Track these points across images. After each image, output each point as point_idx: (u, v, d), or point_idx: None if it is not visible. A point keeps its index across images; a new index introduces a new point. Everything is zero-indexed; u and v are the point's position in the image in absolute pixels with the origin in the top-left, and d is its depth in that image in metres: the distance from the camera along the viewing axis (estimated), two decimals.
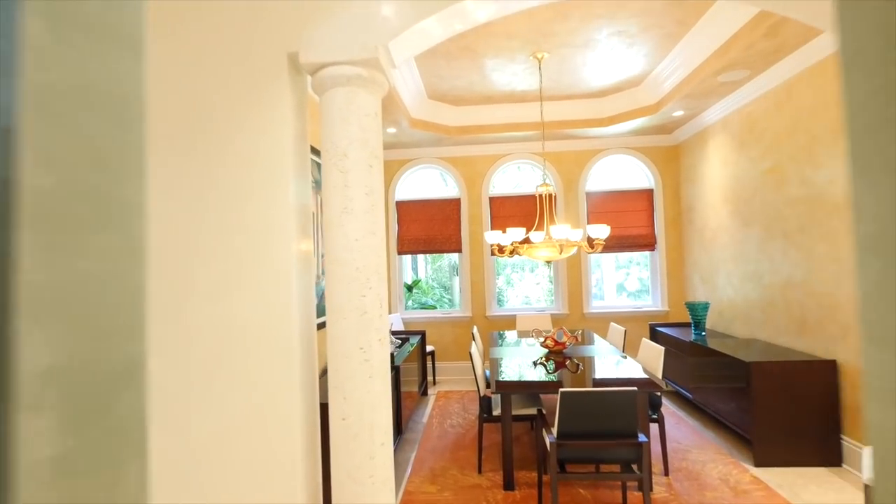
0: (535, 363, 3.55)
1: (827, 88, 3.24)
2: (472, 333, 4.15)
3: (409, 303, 7.65)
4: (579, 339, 3.76)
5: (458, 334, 5.85)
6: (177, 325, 1.68)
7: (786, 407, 3.20)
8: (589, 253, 3.55)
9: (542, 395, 3.53)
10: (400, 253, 5.95)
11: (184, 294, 1.68)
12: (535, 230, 4.31)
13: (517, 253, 3.67)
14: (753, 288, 4.17)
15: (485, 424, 4.04)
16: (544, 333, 3.99)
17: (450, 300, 7.72)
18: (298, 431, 1.67)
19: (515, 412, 3.17)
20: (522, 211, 5.79)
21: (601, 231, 3.49)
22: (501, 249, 3.87)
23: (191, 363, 1.68)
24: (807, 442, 3.18)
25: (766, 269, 3.98)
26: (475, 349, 3.38)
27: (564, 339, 3.81)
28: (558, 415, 2.32)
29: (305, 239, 1.83)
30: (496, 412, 3.20)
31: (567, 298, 5.74)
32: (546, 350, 3.84)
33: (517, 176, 6.95)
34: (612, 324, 4.37)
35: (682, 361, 4.40)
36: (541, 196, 5.53)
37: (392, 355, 3.62)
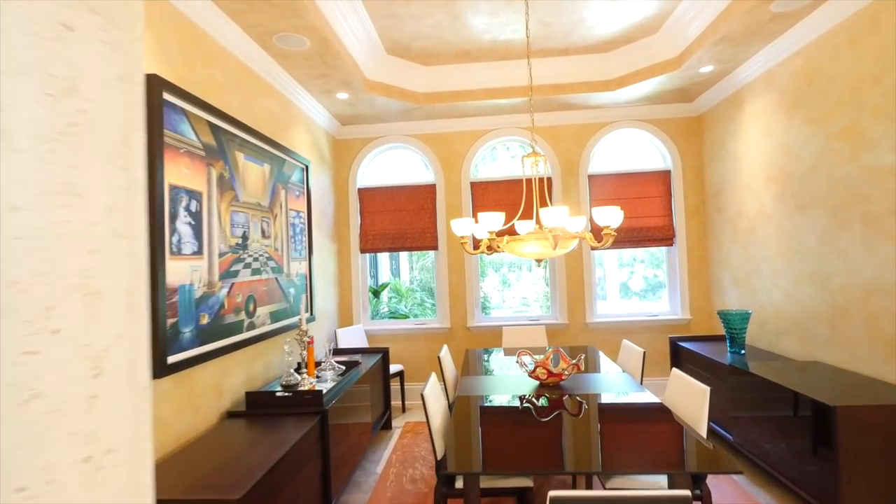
0: (522, 400, 2.53)
1: None
2: (439, 358, 3.12)
3: (385, 310, 6.62)
4: (581, 367, 2.73)
5: (435, 349, 4.81)
6: None
7: (892, 473, 2.17)
8: (594, 248, 2.52)
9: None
10: (363, 251, 4.91)
11: None
12: (522, 218, 3.28)
13: (494, 249, 2.63)
14: (814, 293, 3.13)
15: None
16: (535, 357, 2.96)
17: (433, 306, 6.69)
18: None
19: (488, 485, 2.14)
20: (511, 199, 4.76)
21: (611, 216, 2.45)
22: (477, 245, 2.83)
23: None
24: None
25: (834, 267, 2.94)
26: (431, 389, 2.34)
27: (562, 365, 2.78)
28: None
29: None
30: (460, 484, 2.17)
31: (566, 305, 4.70)
32: (537, 382, 2.81)
33: (507, 160, 5.93)
34: (626, 342, 3.33)
35: (717, 389, 3.36)
36: (528, 179, 4.49)
37: (320, 393, 2.59)
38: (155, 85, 2.07)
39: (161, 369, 2.05)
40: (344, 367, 3.25)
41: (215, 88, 2.64)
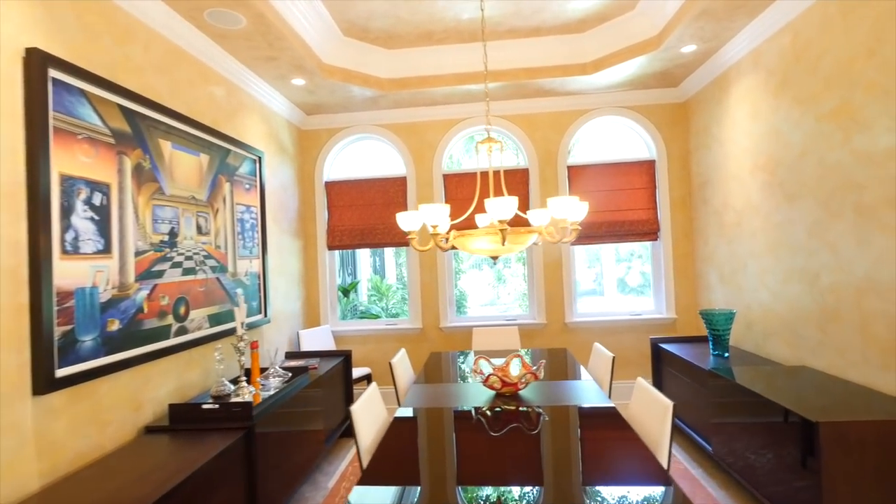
0: (474, 412, 2.28)
1: None
2: (391, 364, 2.86)
3: (361, 309, 6.38)
4: (540, 375, 2.48)
5: (407, 351, 4.56)
6: None
7: (881, 497, 1.90)
8: (553, 242, 2.26)
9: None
10: (331, 248, 4.66)
11: None
12: (479, 212, 3.02)
13: (439, 244, 2.37)
14: (803, 291, 2.85)
15: None
16: (492, 363, 2.70)
17: None
18: None
19: None
20: (501, 189, 4.47)
21: (570, 208, 2.18)
22: (428, 241, 2.58)
23: None
24: None
25: (823, 263, 2.66)
26: (364, 403, 2.09)
27: (521, 372, 2.52)
28: None
29: None
30: None
31: (544, 304, 4.44)
32: (493, 392, 2.55)
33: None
34: (597, 345, 3.07)
35: (697, 395, 3.10)
36: (483, 172, 4.22)
37: (249, 405, 2.34)
38: (36, 60, 1.81)
39: (47, 384, 1.81)
40: (290, 374, 3.01)
41: (134, 69, 2.38)
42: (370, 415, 2.11)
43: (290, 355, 3.88)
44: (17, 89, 1.79)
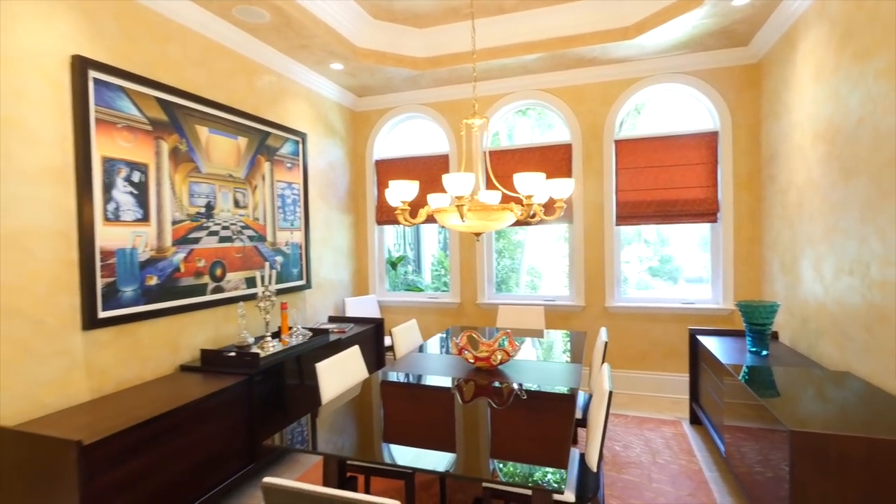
0: (454, 384, 2.38)
1: None
2: (391, 333, 3.04)
3: (428, 281, 6.65)
4: (512, 353, 2.46)
5: (445, 324, 4.73)
6: None
7: None
8: (525, 218, 2.23)
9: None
10: (380, 223, 4.95)
11: None
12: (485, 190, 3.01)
13: (408, 220, 2.45)
14: (852, 285, 2.41)
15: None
16: (482, 340, 2.74)
17: None
18: None
19: (362, 464, 2.06)
20: (542, 166, 4.37)
21: (534, 184, 2.11)
22: (414, 213, 2.69)
23: None
24: None
25: (873, 252, 2.22)
26: (331, 364, 2.30)
27: (506, 347, 2.53)
28: None
29: None
30: None
31: (583, 286, 4.26)
32: (471, 365, 2.61)
33: (561, 128, 5.52)
34: (602, 330, 2.91)
35: (720, 393, 2.81)
36: (471, 147, 4.05)
37: (256, 355, 2.70)
38: (79, 65, 2.26)
39: (91, 322, 2.31)
40: (311, 334, 3.35)
41: (172, 65, 2.80)
42: (339, 373, 2.33)
43: (332, 319, 4.28)
44: (66, 89, 2.25)
